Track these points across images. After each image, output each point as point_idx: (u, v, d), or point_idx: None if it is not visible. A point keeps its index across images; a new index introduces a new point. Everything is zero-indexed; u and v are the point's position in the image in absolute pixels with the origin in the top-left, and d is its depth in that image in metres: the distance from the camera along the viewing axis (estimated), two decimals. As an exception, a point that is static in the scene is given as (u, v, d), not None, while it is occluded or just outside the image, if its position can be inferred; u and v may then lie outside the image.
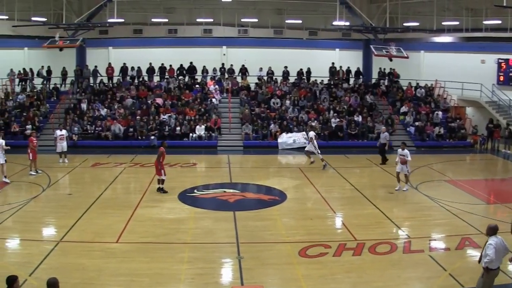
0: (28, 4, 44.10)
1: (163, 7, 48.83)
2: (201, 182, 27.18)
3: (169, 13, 49.69)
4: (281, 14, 49.39)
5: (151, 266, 15.72)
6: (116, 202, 23.71)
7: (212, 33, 49.76)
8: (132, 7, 48.17)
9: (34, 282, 14.57)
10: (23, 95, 44.39)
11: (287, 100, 41.88)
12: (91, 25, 40.71)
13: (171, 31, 49.66)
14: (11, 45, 48.62)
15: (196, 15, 49.05)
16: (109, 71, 46.83)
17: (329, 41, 50.53)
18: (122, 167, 31.21)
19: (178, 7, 49.56)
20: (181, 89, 44.04)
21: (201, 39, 49.86)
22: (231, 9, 47.57)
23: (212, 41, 50.06)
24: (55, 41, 36.86)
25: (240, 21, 49.07)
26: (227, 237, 18.23)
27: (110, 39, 50.35)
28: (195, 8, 48.96)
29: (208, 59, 47.41)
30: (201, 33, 49.65)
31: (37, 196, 24.80)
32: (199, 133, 37.98)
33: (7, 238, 18.97)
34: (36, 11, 44.80)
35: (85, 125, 39.51)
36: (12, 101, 43.69)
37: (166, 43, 50.09)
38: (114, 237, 18.39)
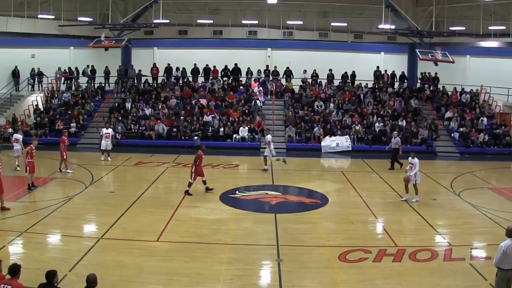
0: (74, 4, 44.66)
1: (208, 9, 48.98)
2: (243, 184, 27.21)
3: (214, 15, 49.84)
4: (326, 17, 49.19)
5: (190, 266, 15.76)
6: (158, 201, 23.86)
7: (257, 35, 49.73)
8: (177, 8, 48.44)
9: (74, 277, 14.68)
10: (68, 93, 45.11)
11: (331, 103, 41.63)
12: (136, 26, 41.00)
13: (216, 32, 49.80)
14: (57, 44, 49.19)
15: (241, 17, 49.13)
16: (153, 72, 47.15)
17: (374, 45, 50.18)
18: (164, 167, 31.41)
19: (223, 9, 49.65)
20: (225, 90, 44.13)
21: (246, 40, 49.89)
22: (277, 11, 47.49)
23: (257, 43, 50.03)
24: (100, 41, 37.20)
25: (285, 23, 48.98)
26: (267, 239, 18.18)
27: (155, 39, 50.68)
28: (240, 10, 49.02)
29: (252, 60, 47.43)
30: (246, 34, 49.69)
31: (79, 193, 25.09)
32: (242, 135, 38.05)
33: (48, 233, 19.22)
34: (82, 11, 45.36)
35: (129, 124, 39.90)
36: (57, 99, 44.40)
37: (211, 45, 50.24)
38: (155, 236, 18.49)
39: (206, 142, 36.38)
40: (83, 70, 47.53)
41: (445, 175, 30.43)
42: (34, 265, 15.42)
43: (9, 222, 20.60)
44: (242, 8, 48.66)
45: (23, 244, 18.12)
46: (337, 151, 36.73)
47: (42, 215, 21.14)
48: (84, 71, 47.51)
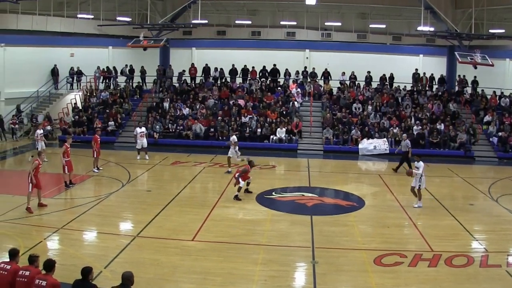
0: (113, 4, 45.05)
1: (246, 9, 49.03)
2: (279, 185, 27.06)
3: (253, 16, 49.88)
4: (364, 19, 48.94)
5: (224, 266, 15.77)
6: (194, 201, 23.96)
7: (295, 36, 49.66)
8: (216, 9, 48.59)
9: (109, 274, 14.81)
10: (106, 92, 45.58)
11: (369, 106, 41.31)
12: (175, 26, 41.21)
13: (254, 33, 49.84)
14: (96, 43, 49.86)
15: (280, 18, 49.11)
16: (192, 72, 47.31)
17: (413, 47, 49.78)
18: (201, 167, 31.49)
19: (261, 10, 49.67)
20: (263, 91, 44.07)
21: (284, 42, 49.84)
22: (315, 13, 47.34)
23: (295, 44, 49.93)
24: (139, 41, 37.44)
25: (323, 25, 48.82)
26: (303, 241, 18.09)
27: (193, 40, 50.96)
28: (279, 11, 49.02)
29: (290, 62, 47.38)
30: (284, 36, 49.65)
31: (116, 191, 25.33)
32: (279, 136, 37.88)
33: (85, 230, 19.42)
34: (121, 11, 45.73)
35: (167, 123, 40.11)
36: (96, 98, 44.87)
37: (249, 45, 50.31)
38: (190, 235, 18.57)
39: (243, 143, 36.45)
40: (122, 70, 47.99)
41: (482, 180, 30.07)
42: (70, 261, 15.68)
43: (46, 219, 20.92)
44: (280, 9, 48.66)
45: (59, 240, 18.33)
46: (375, 154, 36.48)
47: (79, 212, 21.38)
48: (123, 71, 47.93)
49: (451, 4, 43.89)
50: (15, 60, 43.78)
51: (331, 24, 48.70)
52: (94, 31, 46.92)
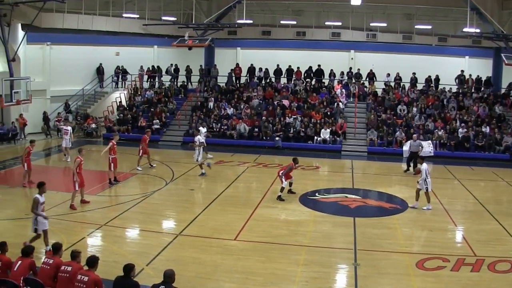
0: (158, 4, 45.32)
1: (291, 10, 48.89)
2: (322, 186, 26.97)
3: (298, 16, 49.73)
4: (410, 19, 48.35)
5: (266, 266, 15.82)
6: (237, 201, 24.05)
7: (340, 37, 49.39)
8: (261, 9, 48.59)
9: (151, 272, 14.97)
10: (151, 91, 46.00)
11: (414, 107, 40.76)
12: (220, 26, 41.24)
13: (299, 33, 49.70)
14: (142, 43, 50.39)
15: (325, 18, 48.85)
16: (236, 71, 47.45)
17: (458, 48, 49.05)
18: (245, 166, 31.58)
19: (306, 10, 49.50)
20: (307, 92, 43.91)
21: (329, 42, 49.57)
22: (360, 13, 46.96)
23: (340, 44, 49.63)
24: (184, 40, 37.55)
25: (368, 25, 48.49)
26: (345, 242, 18.01)
27: (238, 39, 51.06)
28: (324, 11, 48.76)
29: (335, 62, 47.15)
30: (329, 36, 49.40)
31: (160, 189, 25.56)
32: (323, 137, 37.62)
33: (128, 227, 19.74)
34: (166, 11, 45.98)
35: (211, 123, 40.18)
36: (141, 97, 45.30)
37: (294, 45, 50.24)
38: (233, 235, 18.67)
39: (287, 143, 36.59)
40: (167, 69, 48.36)
41: (529, 184, 29.60)
42: (112, 257, 15.92)
43: (90, 215, 21.25)
44: (325, 9, 48.41)
45: (102, 237, 18.59)
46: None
47: (122, 210, 21.70)
48: (168, 70, 48.28)
49: (498, 5, 43.16)
50: (61, 58, 44.48)
51: (376, 25, 48.28)
52: (139, 31, 47.26)
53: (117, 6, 44.30)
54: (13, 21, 35.92)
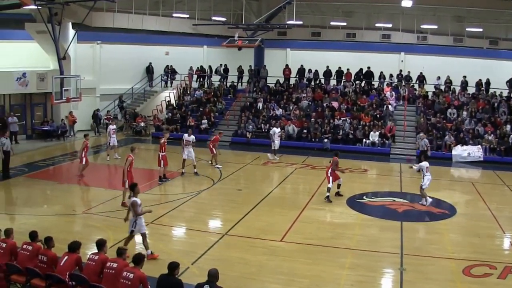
0: (208, 4, 45.53)
1: (341, 11, 48.67)
2: (370, 189, 26.94)
3: (348, 17, 49.48)
4: (461, 22, 47.68)
5: (312, 268, 15.80)
6: (284, 202, 24.11)
7: (391, 39, 49.03)
8: (310, 10, 48.53)
9: (196, 271, 15.13)
10: (200, 91, 46.23)
11: (464, 112, 40.11)
12: (269, 26, 41.29)
13: (349, 35, 49.48)
14: (191, 42, 50.68)
15: (375, 20, 48.50)
16: (286, 72, 47.42)
17: (510, 52, 48.20)
18: (293, 168, 31.57)
19: (357, 11, 49.21)
20: (357, 94, 43.59)
21: (379, 44, 49.23)
22: (410, 15, 46.47)
23: (390, 46, 49.17)
24: (234, 41, 37.63)
25: (419, 27, 47.99)
26: (392, 247, 17.88)
27: (288, 40, 51.08)
28: (374, 13, 48.43)
29: (385, 64, 46.67)
30: (379, 38, 49.07)
31: (207, 188, 25.76)
32: (372, 139, 37.34)
33: (174, 226, 20.05)
34: (216, 11, 46.14)
35: (260, 123, 40.29)
36: (190, 96, 45.56)
37: (343, 47, 49.90)
38: (279, 236, 18.70)
39: (336, 145, 36.42)
40: (216, 69, 48.60)
41: None
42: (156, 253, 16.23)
43: None
44: (375, 11, 48.06)
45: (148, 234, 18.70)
46: (468, 161, 35.51)
47: (170, 208, 22.00)
48: (217, 70, 48.54)
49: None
50: (111, 57, 45.24)
51: (426, 27, 47.68)
52: (189, 30, 47.56)
53: (167, 6, 44.63)
54: (64, 20, 36.40)
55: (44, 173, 29.94)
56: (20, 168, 30.09)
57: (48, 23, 33.09)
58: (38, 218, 20.82)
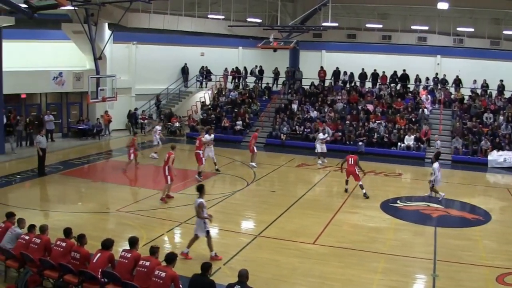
0: (243, 5, 45.62)
1: (377, 13, 48.37)
2: (404, 193, 26.68)
3: (384, 19, 49.12)
4: (498, 24, 47.08)
5: (343, 272, 15.79)
6: (317, 204, 24.06)
7: (427, 41, 48.63)
8: (346, 12, 48.35)
9: (227, 271, 15.27)
10: (235, 92, 46.38)
11: (501, 116, 39.53)
12: (305, 28, 41.18)
13: (385, 37, 49.17)
14: (227, 44, 50.97)
15: (411, 22, 48.09)
16: (321, 74, 47.43)
17: (548, 55, 47.68)
18: (327, 170, 31.59)
19: (392, 13, 48.84)
20: (392, 97, 43.33)
21: (415, 47, 48.83)
22: (447, 17, 45.93)
23: (426, 49, 48.67)
24: (269, 42, 37.62)
25: (455, 30, 47.52)
26: (425, 252, 17.73)
27: (323, 42, 50.93)
28: (410, 15, 48.04)
29: (421, 67, 46.34)
30: (415, 40, 48.67)
31: (241, 189, 25.96)
32: (407, 143, 36.94)
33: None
34: (252, 12, 46.22)
35: (294, 125, 40.30)
36: (225, 97, 45.77)
37: (379, 49, 49.64)
38: (311, 238, 18.74)
39: (371, 149, 36.34)
40: (251, 70, 48.78)
41: None
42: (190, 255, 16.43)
43: (169, 212, 21.96)
44: (411, 13, 47.65)
45: (181, 234, 19.06)
46: (504, 167, 35.03)
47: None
48: (252, 71, 48.69)
49: None
50: (146, 57, 45.84)
51: (463, 30, 47.14)
52: (224, 32, 47.74)
53: (203, 7, 44.84)
54: (100, 20, 36.80)
55: (79, 171, 30.51)
56: (55, 166, 30.68)
57: (85, 23, 33.41)
58: (73, 215, 21.25)
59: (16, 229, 15.11)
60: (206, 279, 11.89)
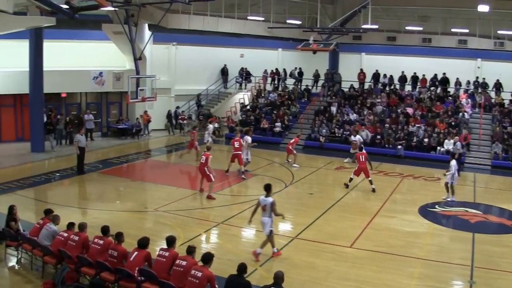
0: (283, 7, 45.67)
1: (417, 15, 47.99)
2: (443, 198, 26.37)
3: (424, 22, 48.74)
4: (539, 27, 46.60)
5: (379, 276, 15.76)
6: (355, 208, 24.06)
7: (467, 44, 48.16)
8: (386, 14, 48.05)
9: (264, 273, 15.39)
10: (274, 93, 46.43)
11: (542, 120, 39.30)
12: (345, 30, 41.19)
13: (425, 40, 48.74)
14: (266, 45, 51.28)
15: (451, 25, 47.66)
16: (360, 77, 47.36)
17: None
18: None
19: (433, 16, 48.34)
20: (432, 100, 43.00)
21: (455, 50, 48.30)
22: (487, 20, 45.44)
23: (466, 52, 47.97)
24: (309, 44, 37.66)
25: (496, 33, 46.96)
26: (462, 258, 17.57)
27: (363, 45, 50.74)
28: (450, 18, 47.62)
29: (461, 71, 45.84)
30: (456, 43, 48.19)
31: (279, 191, 25.84)
32: (447, 148, 36.24)
33: (244, 227, 20.21)
34: (291, 14, 46.19)
35: (333, 128, 40.27)
36: (264, 99, 45.93)
37: (419, 52, 49.36)
38: (348, 242, 18.75)
39: (409, 152, 36.13)
40: (291, 72, 48.90)
41: None
42: (227, 256, 16.58)
43: (207, 213, 22.29)
44: (452, 15, 47.23)
45: (218, 234, 19.25)
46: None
47: (240, 209, 22.34)
48: (292, 73, 48.78)
49: None
50: (186, 58, 46.46)
51: (504, 33, 46.56)
52: (264, 33, 47.78)
53: (242, 8, 44.97)
54: (140, 21, 37.31)
55: (118, 170, 31.02)
56: (94, 164, 31.23)
57: (125, 24, 33.87)
58: (110, 213, 21.66)
59: (51, 226, 15.47)
60: (243, 280, 12.03)
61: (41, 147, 34.92)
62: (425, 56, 48.84)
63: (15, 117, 38.78)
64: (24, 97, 36.25)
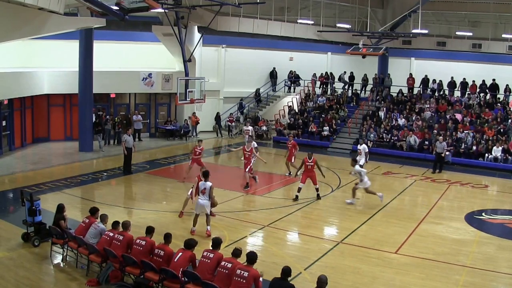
0: (333, 11, 45.62)
1: (468, 20, 47.54)
2: (490, 206, 26.06)
3: (474, 27, 48.35)
4: None
5: (425, 283, 15.72)
6: (401, 213, 23.93)
7: (517, 50, 47.64)
8: (436, 19, 47.80)
9: (308, 276, 15.44)
10: (323, 97, 46.47)
11: None
12: (394, 35, 41.05)
13: (475, 45, 48.30)
14: (316, 49, 51.44)
15: (502, 31, 47.20)
16: (409, 82, 47.09)
17: None
18: (412, 179, 31.25)
19: (483, 21, 47.83)
20: (481, 107, 42.55)
21: (505, 56, 47.79)
22: (539, 26, 45.13)
23: (516, 58, 47.86)
24: (358, 48, 37.60)
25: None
26: (509, 267, 17.42)
27: (412, 49, 50.39)
28: (501, 23, 47.14)
29: (510, 77, 45.30)
30: (506, 49, 47.61)
31: (325, 195, 26.07)
32: (495, 155, 35.99)
33: (289, 230, 20.43)
34: (341, 18, 46.04)
35: (381, 133, 40.15)
36: (312, 102, 45.96)
37: (469, 58, 48.99)
38: (394, 248, 18.71)
39: (457, 159, 35.75)
40: (340, 76, 48.85)
41: None
42: (271, 258, 16.67)
43: (253, 215, 22.37)
44: (502, 21, 46.72)
45: (263, 237, 19.38)
46: None
47: (286, 213, 22.53)
48: (340, 77, 48.76)
49: None
50: (235, 61, 46.95)
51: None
52: (313, 37, 47.76)
53: (292, 12, 45.07)
54: (190, 23, 37.82)
55: (165, 170, 31.55)
56: (142, 165, 31.82)
57: (175, 26, 34.20)
58: (157, 213, 22.06)
59: (99, 225, 15.85)
60: (287, 283, 12.12)
61: (89, 147, 35.67)
62: (474, 61, 48.45)
63: (64, 117, 39.65)
64: (74, 97, 37.05)
